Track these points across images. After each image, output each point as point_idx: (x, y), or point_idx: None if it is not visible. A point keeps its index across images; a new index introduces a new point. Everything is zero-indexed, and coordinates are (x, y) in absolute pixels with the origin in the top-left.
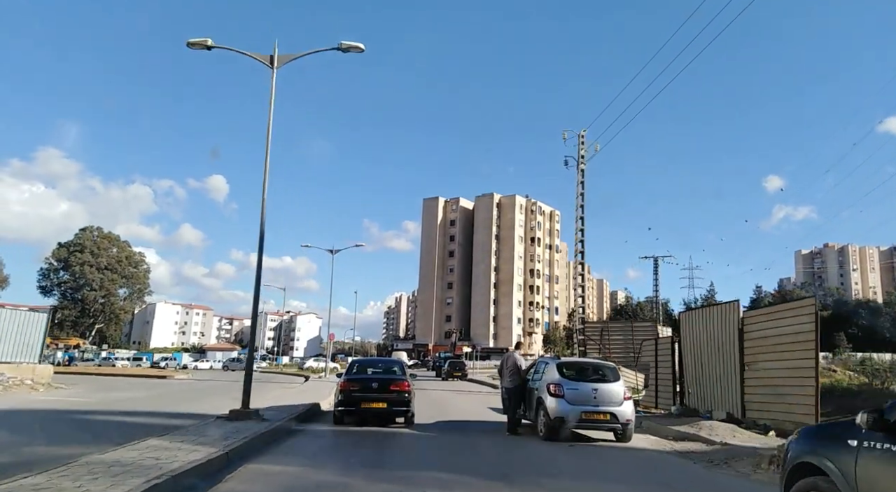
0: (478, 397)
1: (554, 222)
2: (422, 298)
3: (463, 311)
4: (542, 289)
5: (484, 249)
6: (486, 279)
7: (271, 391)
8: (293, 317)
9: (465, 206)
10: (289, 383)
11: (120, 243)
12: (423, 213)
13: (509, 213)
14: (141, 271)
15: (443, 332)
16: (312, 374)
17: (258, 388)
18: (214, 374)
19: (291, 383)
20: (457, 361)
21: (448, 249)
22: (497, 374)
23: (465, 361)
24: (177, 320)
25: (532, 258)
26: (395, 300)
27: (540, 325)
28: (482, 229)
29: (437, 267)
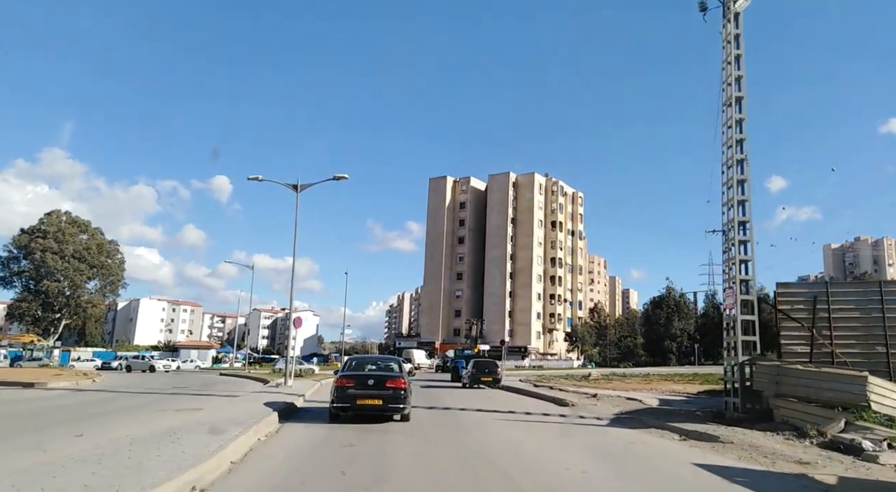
0: (565, 437)
1: (577, 205)
2: (427, 290)
3: (474, 305)
4: (564, 280)
5: (498, 235)
6: (501, 269)
7: (115, 429)
8: (288, 314)
9: (477, 186)
10: (211, 398)
11: (91, 230)
12: (428, 194)
13: (527, 193)
14: (115, 262)
15: (452, 328)
16: (278, 378)
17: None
18: (143, 379)
19: (210, 399)
20: (485, 361)
21: (457, 234)
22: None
23: (497, 360)
24: (162, 317)
25: (553, 245)
26: (398, 298)
27: (562, 321)
28: (496, 212)
29: (444, 255)
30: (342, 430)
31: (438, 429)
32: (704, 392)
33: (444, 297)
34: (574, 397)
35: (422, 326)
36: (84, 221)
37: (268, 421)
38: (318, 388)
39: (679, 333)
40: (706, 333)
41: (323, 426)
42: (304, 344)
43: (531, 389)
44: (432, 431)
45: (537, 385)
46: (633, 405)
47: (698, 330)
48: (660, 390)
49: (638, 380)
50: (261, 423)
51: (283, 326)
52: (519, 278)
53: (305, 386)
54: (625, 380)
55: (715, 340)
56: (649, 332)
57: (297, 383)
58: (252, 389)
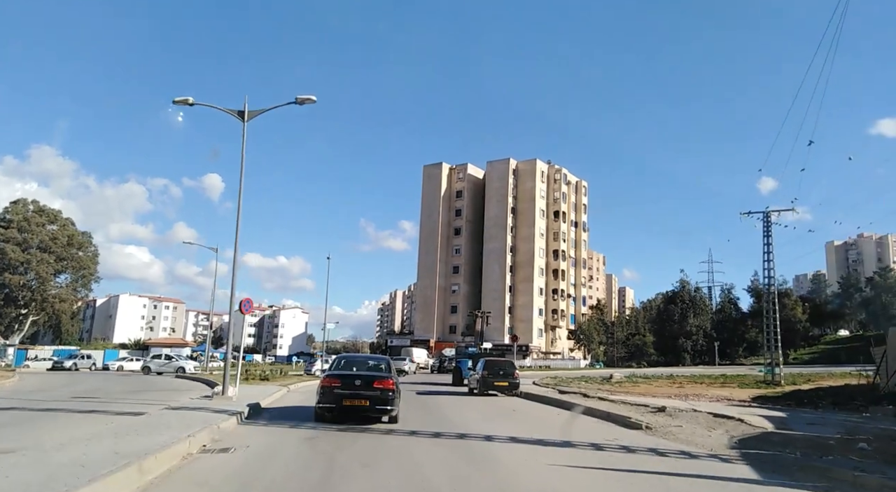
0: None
1: (580, 195)
2: (422, 285)
3: (472, 300)
4: (567, 274)
5: (497, 225)
6: (501, 262)
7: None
8: (276, 312)
9: (475, 174)
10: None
11: (62, 220)
12: (423, 182)
13: (528, 181)
14: (88, 255)
15: (448, 325)
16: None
17: None
18: (65, 380)
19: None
20: (499, 362)
21: (454, 225)
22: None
23: (513, 360)
24: (143, 315)
25: (556, 237)
26: (390, 296)
27: (565, 318)
28: (495, 201)
29: (440, 248)
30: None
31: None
32: (757, 398)
33: (439, 292)
34: (634, 413)
35: (415, 323)
36: (54, 211)
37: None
38: (279, 395)
39: (694, 331)
40: (722, 330)
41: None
42: (292, 342)
43: (559, 396)
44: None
45: (563, 391)
46: (736, 429)
47: (714, 327)
48: (706, 396)
49: (667, 383)
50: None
51: (271, 324)
52: (519, 272)
53: (259, 395)
54: (653, 383)
55: (732, 337)
56: (662, 329)
57: (250, 390)
58: (177, 401)
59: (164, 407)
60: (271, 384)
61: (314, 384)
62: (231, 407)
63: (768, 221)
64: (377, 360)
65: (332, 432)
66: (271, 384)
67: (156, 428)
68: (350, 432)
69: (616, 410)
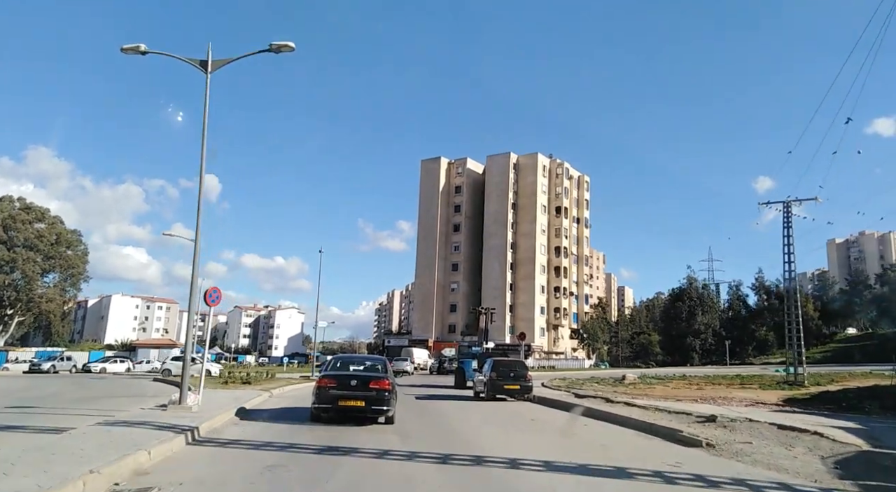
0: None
1: (583, 190)
2: (420, 283)
3: (472, 298)
4: (569, 272)
5: (498, 222)
6: (501, 259)
7: None
8: (271, 312)
9: (474, 169)
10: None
11: (50, 218)
12: (420, 178)
13: (529, 175)
14: (77, 253)
15: (447, 324)
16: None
17: None
18: (34, 383)
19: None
20: (510, 362)
21: (452, 222)
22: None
23: (524, 359)
24: (136, 315)
25: (558, 233)
26: (388, 296)
27: (568, 316)
28: (495, 197)
29: (438, 245)
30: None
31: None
32: (787, 401)
33: (438, 290)
34: (679, 423)
35: (413, 322)
36: (41, 208)
37: None
38: (258, 402)
39: (703, 329)
40: (732, 328)
41: None
42: (288, 343)
43: (578, 401)
44: None
45: (579, 395)
46: (819, 446)
47: (723, 326)
48: (733, 399)
49: (683, 384)
50: None
51: (266, 324)
52: (521, 269)
53: (230, 402)
54: (668, 384)
55: (741, 336)
56: (669, 328)
57: (221, 396)
58: (126, 412)
59: (101, 421)
60: (252, 388)
61: (304, 388)
62: (184, 421)
63: (789, 212)
64: (373, 360)
65: (305, 457)
66: (252, 388)
67: (60, 455)
68: (330, 456)
69: (656, 419)
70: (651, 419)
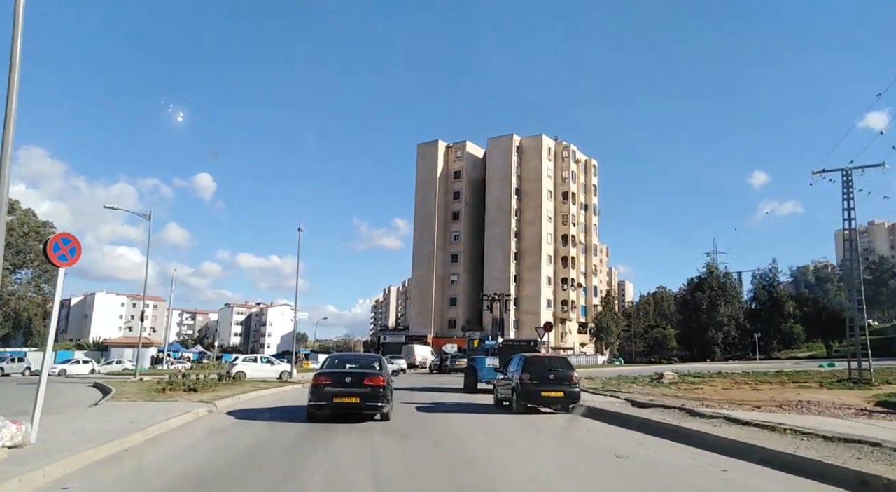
0: None
1: (590, 175)
2: (417, 275)
3: (473, 291)
4: (577, 262)
5: (500, 209)
6: (504, 248)
7: None
8: (264, 309)
9: (474, 152)
10: None
11: (20, 210)
12: (417, 162)
13: (534, 159)
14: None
15: (446, 319)
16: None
17: None
18: None
19: None
20: (547, 359)
21: (451, 209)
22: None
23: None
24: (121, 314)
25: (565, 220)
26: (384, 292)
27: (576, 309)
28: (497, 182)
29: (436, 234)
30: None
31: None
32: (879, 404)
33: (436, 283)
34: (833, 451)
35: (411, 317)
36: (10, 200)
37: None
38: (179, 423)
39: (726, 321)
40: (756, 320)
41: None
42: (281, 341)
43: (652, 416)
44: None
45: (636, 402)
46: None
47: (747, 317)
48: (818, 404)
49: (730, 383)
50: None
51: (258, 322)
52: (525, 260)
53: (112, 433)
54: (711, 383)
55: (767, 328)
56: (688, 320)
57: (117, 416)
58: None
59: None
60: (192, 399)
61: (272, 395)
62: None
63: (849, 180)
64: (369, 358)
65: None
66: (192, 399)
67: None
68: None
69: (798, 449)
70: (792, 449)
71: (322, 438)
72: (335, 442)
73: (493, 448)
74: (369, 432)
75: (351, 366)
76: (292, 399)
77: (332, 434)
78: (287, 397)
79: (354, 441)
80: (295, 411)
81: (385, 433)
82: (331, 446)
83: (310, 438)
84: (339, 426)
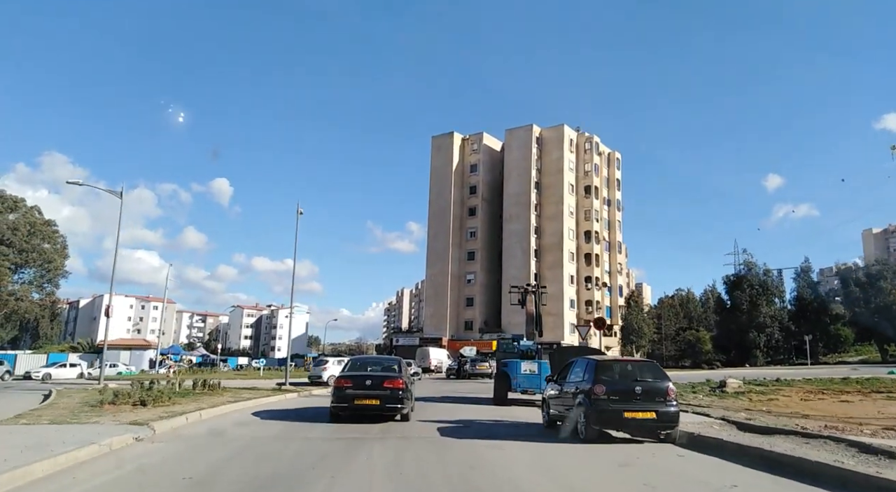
0: None
1: (613, 169)
2: (432, 274)
3: (490, 291)
4: (601, 260)
5: (519, 203)
6: (524, 245)
7: None
8: (274, 311)
9: (491, 145)
10: None
11: (24, 208)
12: (431, 156)
13: (554, 151)
14: (55, 247)
15: (462, 321)
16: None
17: None
18: None
19: None
20: (631, 365)
21: (467, 205)
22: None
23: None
24: (130, 315)
25: (588, 216)
26: (397, 295)
27: (601, 310)
28: (516, 175)
29: (452, 231)
30: None
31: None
32: None
33: (452, 282)
34: None
35: (425, 319)
36: (15, 198)
37: None
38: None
39: (769, 322)
40: (801, 321)
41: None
42: (292, 345)
43: (782, 447)
44: None
45: (743, 424)
46: None
47: (791, 318)
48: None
49: (805, 392)
50: None
51: (269, 325)
52: (546, 257)
53: None
54: (783, 392)
55: (813, 330)
56: (725, 321)
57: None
58: None
59: None
60: (116, 421)
61: (248, 410)
62: None
63: None
64: (389, 361)
65: None
66: (116, 421)
67: None
68: None
69: None
70: None
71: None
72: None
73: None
74: (372, 475)
75: (371, 369)
76: (270, 416)
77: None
78: (264, 415)
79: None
80: (272, 432)
81: (397, 481)
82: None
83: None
84: (329, 475)
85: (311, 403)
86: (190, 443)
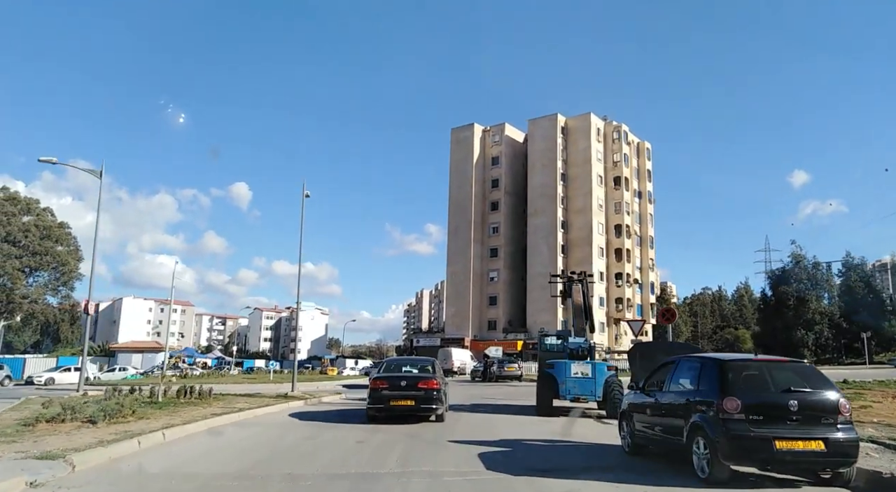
0: None
1: (643, 159)
2: (452, 272)
3: (514, 289)
4: (632, 255)
5: (544, 196)
6: (550, 241)
7: None
8: (293, 313)
9: (513, 136)
10: None
11: (38, 210)
12: (451, 149)
13: (581, 140)
14: (68, 250)
15: (485, 320)
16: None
17: None
18: None
19: None
20: (781, 368)
21: (489, 199)
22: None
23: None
24: (149, 319)
25: (618, 209)
26: (417, 296)
27: (632, 308)
28: (540, 167)
29: (473, 227)
30: None
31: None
32: None
33: (474, 280)
34: None
35: (446, 318)
36: (29, 200)
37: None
38: None
39: (818, 319)
40: (853, 316)
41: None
42: (311, 346)
43: None
44: None
45: None
46: None
47: (842, 315)
48: None
49: (885, 396)
50: None
51: (288, 326)
52: (574, 253)
53: None
54: (877, 396)
55: (867, 327)
56: (769, 318)
57: None
58: None
59: None
60: (24, 453)
61: (233, 425)
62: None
63: None
64: (423, 361)
65: None
66: (24, 453)
67: None
68: None
69: None
70: None
71: None
72: None
73: None
74: None
75: (406, 370)
76: (259, 438)
77: None
78: (257, 433)
79: None
80: (244, 465)
81: None
82: None
83: None
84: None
85: (314, 413)
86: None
